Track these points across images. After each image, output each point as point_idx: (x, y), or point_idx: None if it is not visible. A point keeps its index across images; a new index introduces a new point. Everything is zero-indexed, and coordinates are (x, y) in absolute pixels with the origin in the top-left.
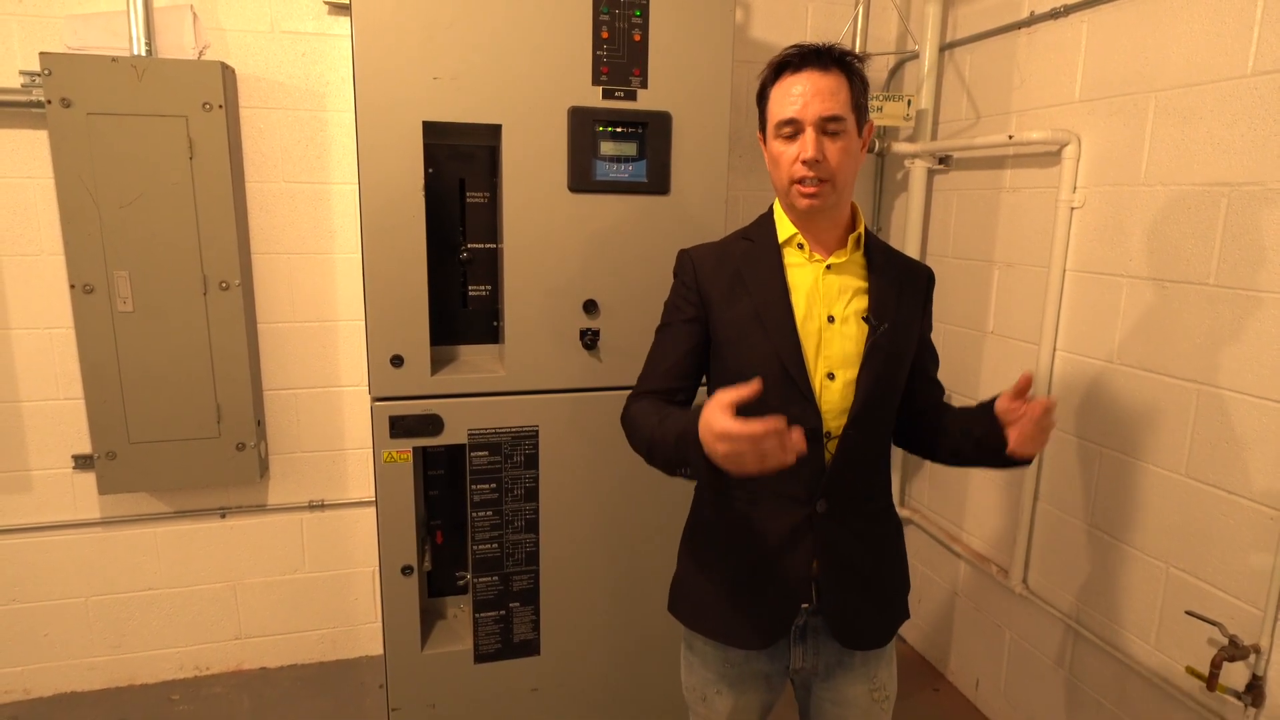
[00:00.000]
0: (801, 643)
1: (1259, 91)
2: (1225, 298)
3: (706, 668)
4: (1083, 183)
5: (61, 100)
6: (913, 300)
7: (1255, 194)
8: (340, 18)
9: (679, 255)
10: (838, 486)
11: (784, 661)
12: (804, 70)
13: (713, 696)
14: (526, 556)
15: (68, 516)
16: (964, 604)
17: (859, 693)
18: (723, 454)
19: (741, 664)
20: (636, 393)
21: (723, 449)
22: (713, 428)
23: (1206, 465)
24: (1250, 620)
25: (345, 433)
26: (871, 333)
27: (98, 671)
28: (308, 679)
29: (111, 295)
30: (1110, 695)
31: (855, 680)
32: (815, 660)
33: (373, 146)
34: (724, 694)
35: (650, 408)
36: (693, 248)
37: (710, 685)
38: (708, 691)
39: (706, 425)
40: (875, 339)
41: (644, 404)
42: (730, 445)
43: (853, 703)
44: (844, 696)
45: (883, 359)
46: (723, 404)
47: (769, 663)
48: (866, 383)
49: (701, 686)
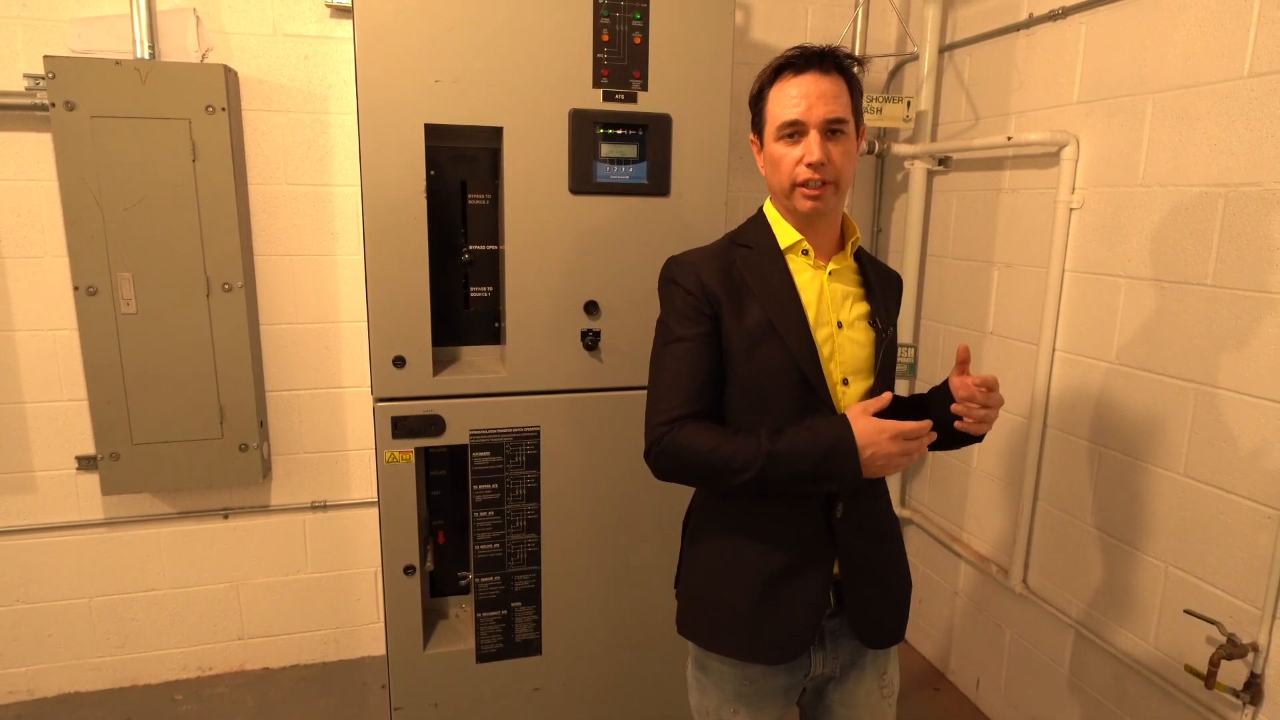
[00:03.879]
0: (823, 649)
1: (1255, 93)
2: (1223, 298)
3: (721, 689)
4: (1081, 184)
5: (65, 103)
6: (892, 304)
7: (1252, 194)
8: (342, 20)
9: (672, 264)
10: (856, 490)
11: (804, 671)
12: (806, 73)
13: (729, 716)
14: (528, 556)
15: (71, 517)
16: (964, 604)
17: (869, 690)
18: (897, 453)
19: (760, 680)
20: (672, 419)
21: (899, 449)
22: (885, 431)
23: (1204, 464)
24: (1248, 619)
25: (347, 434)
26: (880, 337)
27: (101, 672)
28: (310, 679)
29: (115, 297)
30: (1110, 694)
31: (867, 679)
32: (834, 664)
33: (375, 149)
34: (740, 714)
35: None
36: (682, 255)
37: (725, 706)
38: (723, 713)
39: (878, 430)
40: (886, 342)
41: (703, 431)
42: (906, 444)
43: (862, 702)
44: (854, 697)
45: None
46: (870, 411)
47: (789, 675)
48: (881, 387)
49: (716, 709)
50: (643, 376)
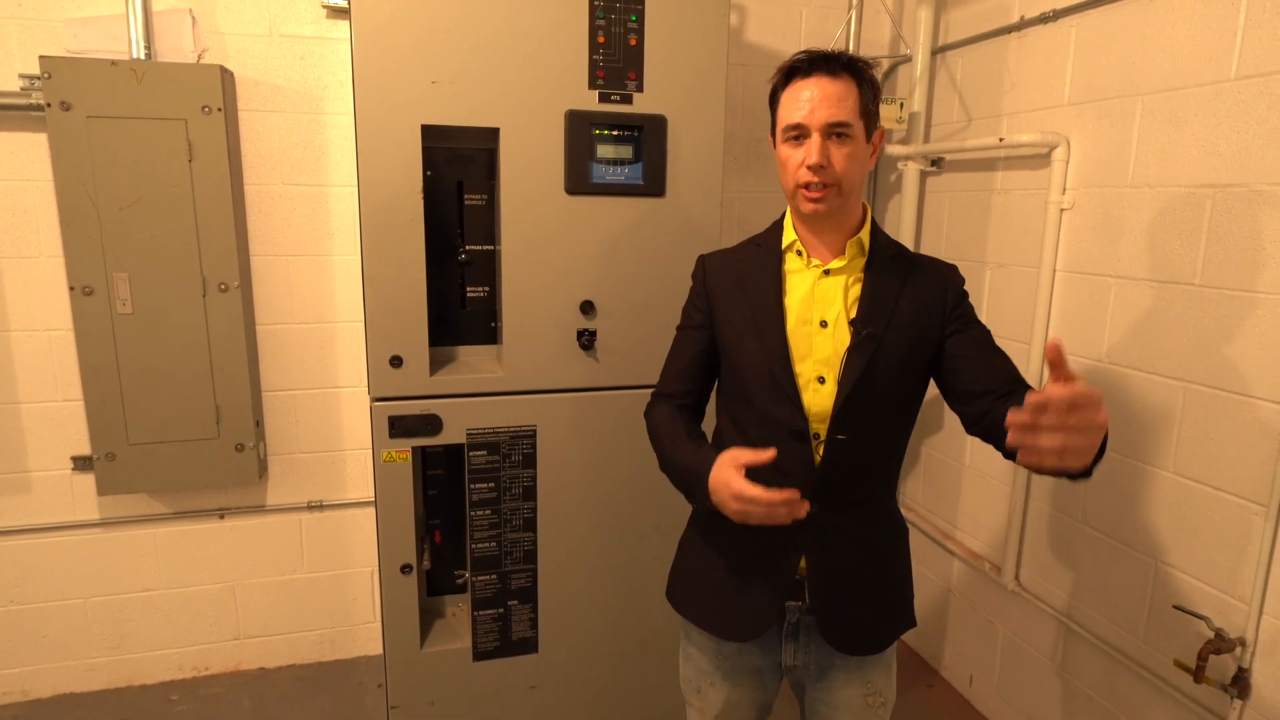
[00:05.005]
0: (793, 640)
1: (1242, 95)
2: (1211, 297)
3: (703, 658)
4: (1072, 184)
5: (61, 103)
6: (924, 303)
7: (1240, 195)
8: (339, 21)
9: (697, 260)
10: (828, 488)
11: (776, 657)
12: (813, 76)
13: (706, 689)
14: (525, 555)
15: (67, 518)
16: (958, 601)
17: (851, 695)
18: (733, 511)
19: (735, 656)
20: (657, 393)
21: (736, 507)
22: (730, 486)
23: (1193, 462)
24: (1236, 614)
25: (344, 433)
26: (854, 336)
27: (97, 672)
28: (306, 679)
29: (111, 297)
30: (1101, 689)
31: (848, 683)
32: (807, 659)
33: (372, 149)
34: (718, 686)
35: (666, 419)
36: (709, 253)
37: (705, 677)
38: (702, 684)
39: (724, 482)
40: (857, 342)
41: (663, 411)
42: (743, 506)
43: (846, 705)
44: (837, 699)
45: (868, 363)
46: (738, 463)
47: (762, 657)
48: (845, 386)
49: (697, 678)
50: (638, 376)
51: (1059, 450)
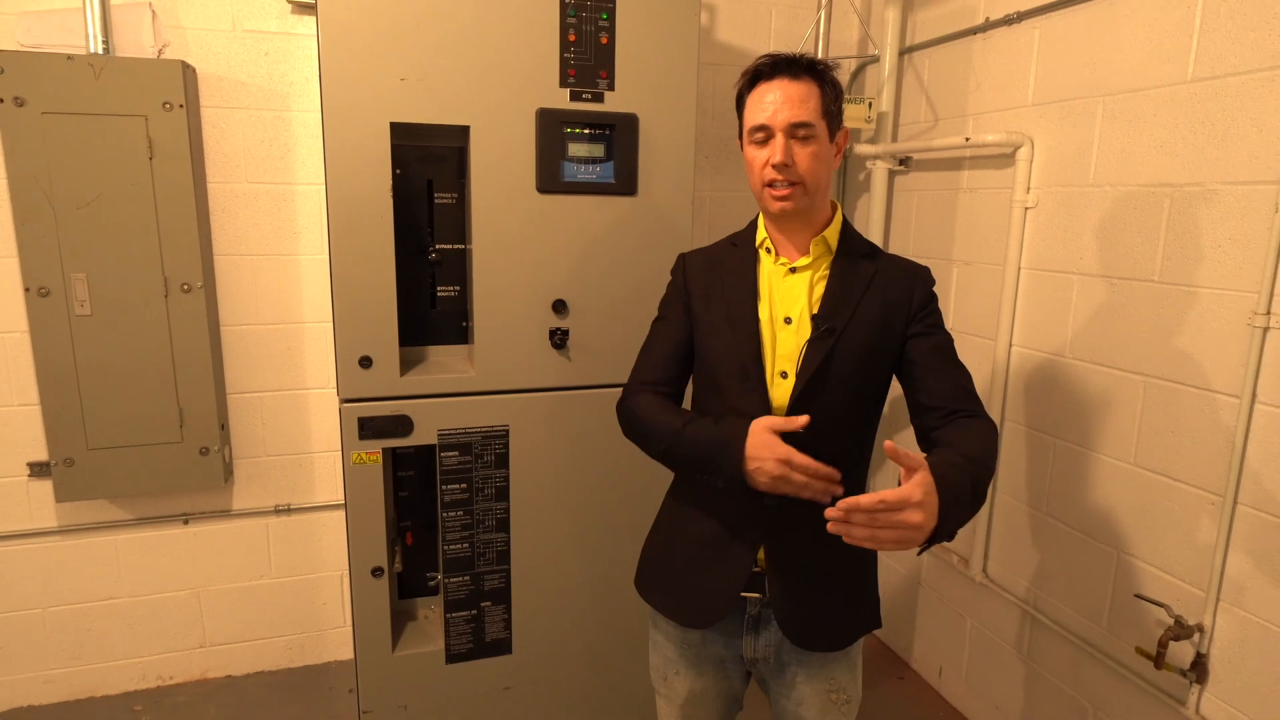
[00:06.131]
0: (754, 632)
1: (1198, 97)
2: (1169, 293)
3: (669, 646)
4: (1036, 183)
5: (15, 99)
6: (891, 300)
7: (1195, 194)
8: (304, 17)
9: (678, 257)
10: None
11: (738, 649)
12: (776, 78)
13: (672, 677)
14: (498, 556)
15: (23, 526)
16: (927, 593)
17: (813, 692)
18: (773, 473)
19: (699, 645)
20: (635, 383)
21: (780, 473)
22: (775, 450)
23: (1153, 454)
24: (1194, 601)
25: (312, 435)
26: (813, 332)
27: (56, 684)
28: (275, 685)
29: (69, 298)
30: (1066, 678)
31: (810, 679)
32: (767, 652)
33: (339, 147)
34: (682, 674)
35: (660, 405)
36: (690, 252)
37: (670, 665)
38: (668, 672)
39: (766, 445)
40: (815, 337)
41: (650, 399)
42: (785, 472)
43: (808, 701)
44: (799, 694)
45: (824, 357)
46: (775, 429)
47: (725, 647)
48: (802, 379)
49: (663, 666)
50: (610, 374)
51: (869, 540)
